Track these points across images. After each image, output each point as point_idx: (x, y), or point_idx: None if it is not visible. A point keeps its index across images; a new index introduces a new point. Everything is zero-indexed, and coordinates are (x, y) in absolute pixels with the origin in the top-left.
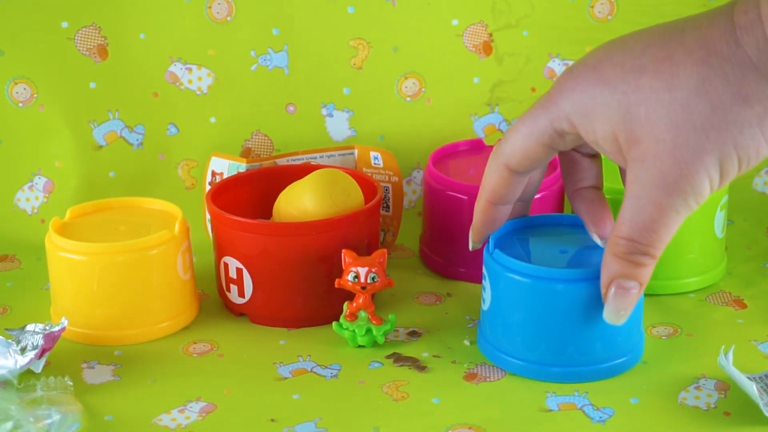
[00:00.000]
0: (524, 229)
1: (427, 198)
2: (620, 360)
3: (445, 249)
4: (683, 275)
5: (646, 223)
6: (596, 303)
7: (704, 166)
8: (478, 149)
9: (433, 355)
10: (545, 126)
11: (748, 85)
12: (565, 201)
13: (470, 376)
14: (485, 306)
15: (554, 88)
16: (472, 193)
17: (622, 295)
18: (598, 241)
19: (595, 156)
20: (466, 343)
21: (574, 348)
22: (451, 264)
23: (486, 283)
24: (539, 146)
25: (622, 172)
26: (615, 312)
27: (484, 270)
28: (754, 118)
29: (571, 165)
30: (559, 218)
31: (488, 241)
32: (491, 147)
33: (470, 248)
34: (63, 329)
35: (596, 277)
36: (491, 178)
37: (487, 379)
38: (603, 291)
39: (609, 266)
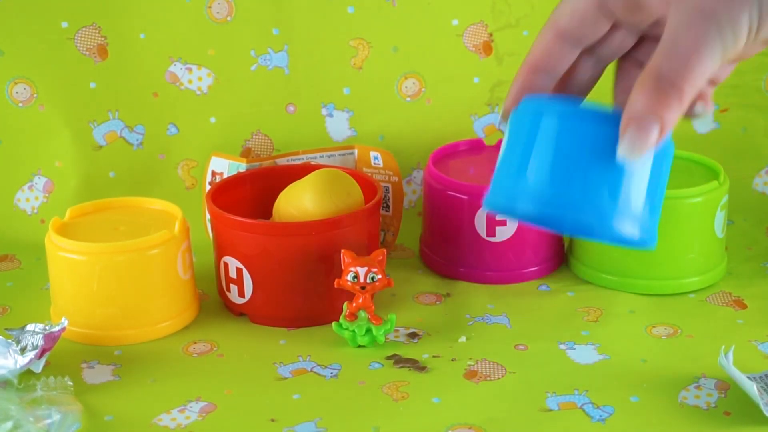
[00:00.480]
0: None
1: (427, 198)
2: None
3: (445, 249)
4: (683, 275)
5: (681, 53)
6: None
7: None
8: (478, 149)
9: (433, 356)
10: None
11: None
12: None
13: (470, 374)
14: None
15: None
16: (472, 193)
17: (641, 131)
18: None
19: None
20: (462, 340)
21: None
22: (451, 264)
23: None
24: (591, 9)
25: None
26: (630, 146)
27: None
28: None
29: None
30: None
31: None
32: (491, 147)
33: (497, 123)
34: (63, 329)
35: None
36: (536, 44)
37: (488, 378)
38: (622, 129)
39: (632, 103)
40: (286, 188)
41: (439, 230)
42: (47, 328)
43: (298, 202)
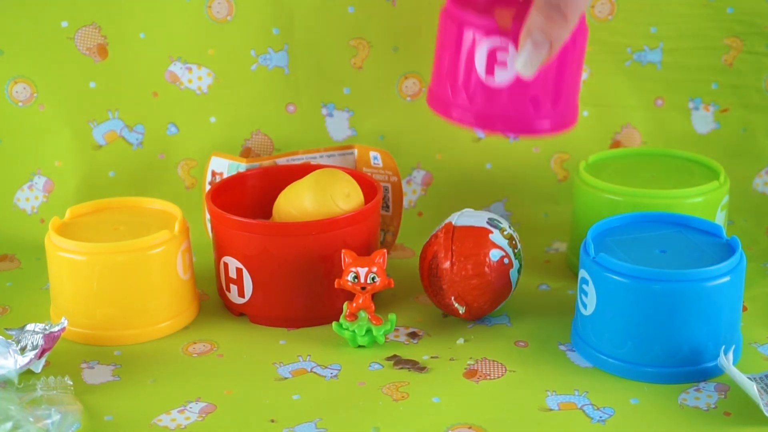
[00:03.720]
0: (617, 229)
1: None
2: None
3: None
4: None
5: None
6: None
7: None
8: None
9: (432, 356)
10: None
11: None
12: None
13: (470, 374)
14: (587, 311)
15: None
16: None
17: (535, 48)
18: None
19: None
20: (460, 341)
21: (688, 348)
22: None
23: (588, 287)
24: None
25: None
26: (526, 62)
27: (584, 274)
28: None
29: None
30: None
31: (586, 245)
32: None
33: None
34: (63, 329)
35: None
36: None
37: (488, 377)
38: (521, 42)
39: (528, 20)
40: (286, 188)
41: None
42: (47, 328)
43: (298, 202)
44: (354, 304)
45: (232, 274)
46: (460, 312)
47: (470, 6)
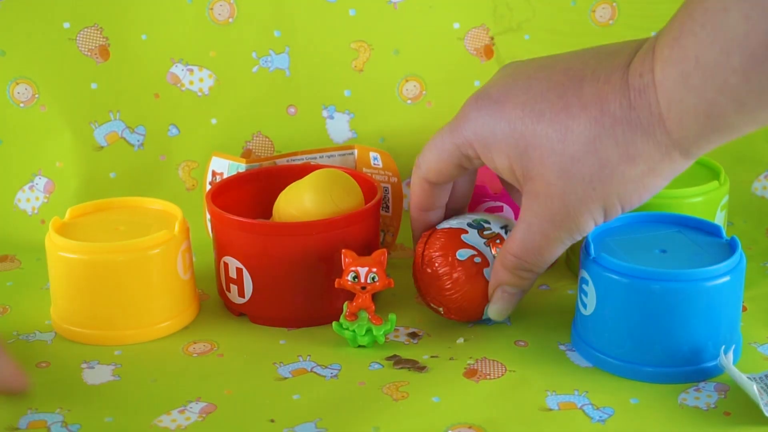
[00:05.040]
0: (617, 229)
1: None
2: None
3: None
4: None
5: (534, 248)
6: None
7: (589, 211)
8: None
9: (432, 356)
10: (453, 148)
11: (635, 146)
12: None
13: (470, 373)
14: (587, 311)
15: (460, 113)
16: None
17: (506, 299)
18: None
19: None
20: (460, 341)
21: (688, 348)
22: None
23: (588, 287)
24: (450, 165)
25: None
26: (498, 311)
27: (584, 274)
28: (638, 175)
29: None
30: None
31: (587, 245)
32: None
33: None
34: None
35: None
36: (415, 190)
37: (488, 376)
38: (490, 292)
39: (498, 274)
40: (286, 188)
41: None
42: None
43: (298, 202)
44: (354, 304)
45: (232, 274)
46: (441, 312)
47: None
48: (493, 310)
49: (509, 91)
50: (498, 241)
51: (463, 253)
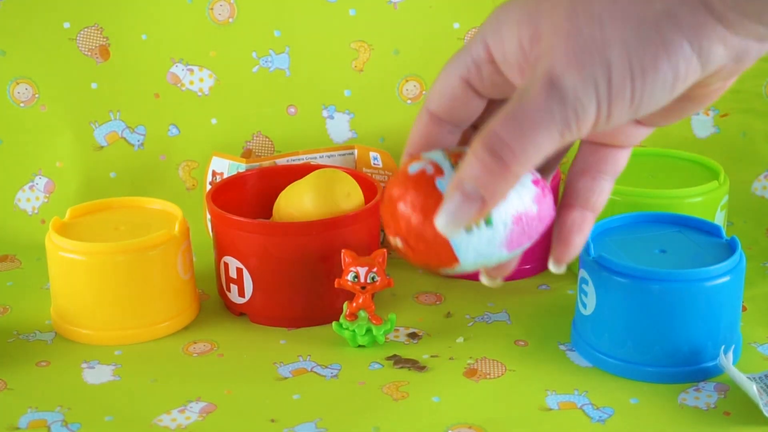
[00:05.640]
0: (617, 229)
1: None
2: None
3: None
4: None
5: (518, 119)
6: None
7: (592, 61)
8: None
9: (432, 356)
10: (464, 56)
11: None
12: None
13: (470, 373)
14: (587, 311)
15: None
16: None
17: (463, 203)
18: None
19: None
20: (459, 341)
21: (687, 348)
22: None
23: (588, 287)
24: (456, 80)
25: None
26: (447, 219)
27: (584, 274)
28: (652, 15)
29: None
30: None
31: (587, 245)
32: None
33: None
34: None
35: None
36: (414, 126)
37: (488, 376)
38: (447, 193)
39: (463, 166)
40: (286, 188)
41: None
42: None
43: (298, 202)
44: (354, 304)
45: (233, 274)
46: (399, 245)
47: None
48: (441, 216)
49: None
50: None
51: (414, 167)
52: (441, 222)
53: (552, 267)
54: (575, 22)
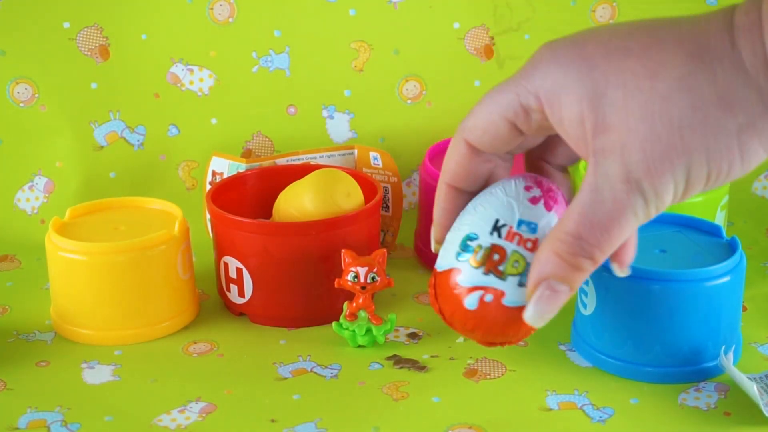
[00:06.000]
0: None
1: (423, 193)
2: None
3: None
4: None
5: (600, 221)
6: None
7: (672, 168)
8: None
9: (432, 356)
10: (511, 99)
11: (734, 91)
12: None
13: (470, 373)
14: (587, 311)
15: (530, 60)
16: None
17: (551, 299)
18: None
19: (565, 171)
20: (460, 341)
21: (688, 348)
22: None
23: (588, 287)
24: (502, 120)
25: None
26: (539, 314)
27: None
28: (735, 126)
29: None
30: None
31: None
32: None
33: (432, 249)
34: None
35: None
36: (451, 155)
37: (488, 376)
38: (529, 290)
39: (543, 264)
40: (286, 188)
41: None
42: None
43: (298, 202)
44: (354, 304)
45: (232, 274)
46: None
47: None
48: (532, 313)
49: (590, 34)
50: (496, 257)
51: (470, 302)
52: (532, 318)
53: (618, 272)
54: (653, 127)
